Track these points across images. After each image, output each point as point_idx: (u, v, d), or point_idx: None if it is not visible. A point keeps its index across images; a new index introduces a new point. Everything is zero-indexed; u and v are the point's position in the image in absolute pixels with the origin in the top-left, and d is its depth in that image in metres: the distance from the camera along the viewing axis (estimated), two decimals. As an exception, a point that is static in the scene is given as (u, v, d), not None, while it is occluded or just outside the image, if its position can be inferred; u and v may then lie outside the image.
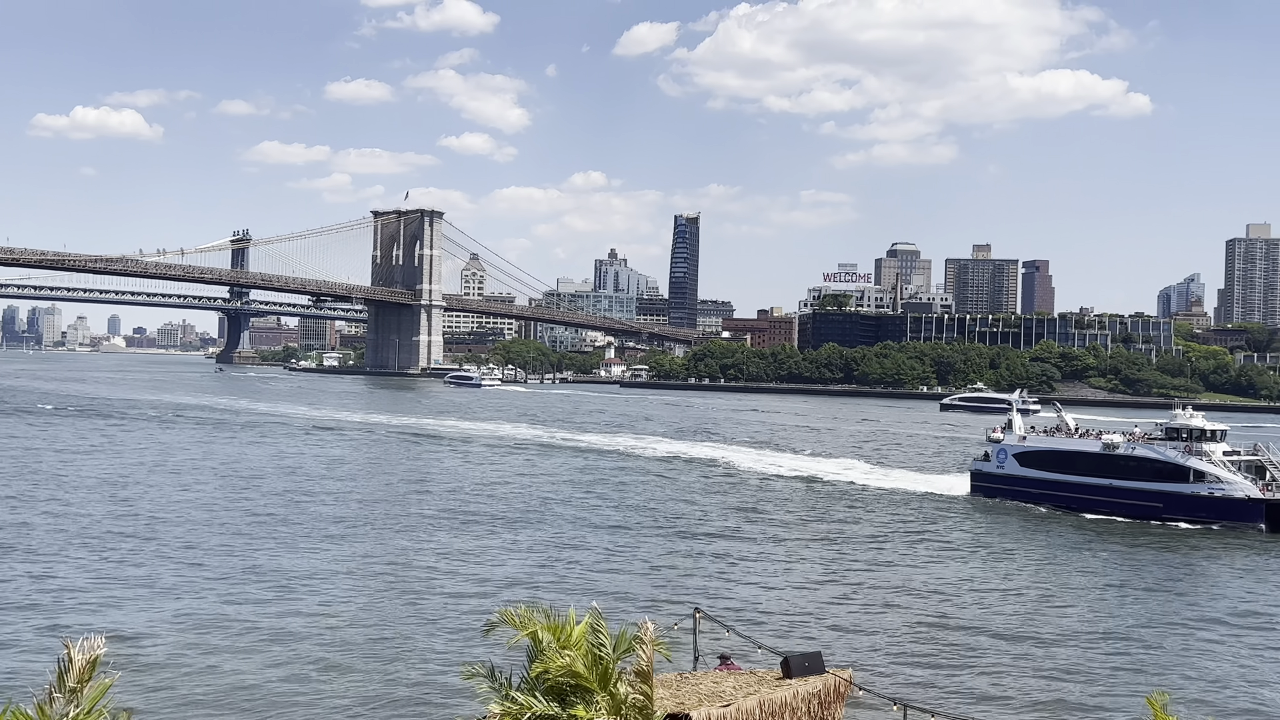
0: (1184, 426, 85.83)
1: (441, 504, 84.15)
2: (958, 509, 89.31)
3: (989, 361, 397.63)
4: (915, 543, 71.92)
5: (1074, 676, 42.35)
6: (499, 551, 65.25)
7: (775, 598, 54.60)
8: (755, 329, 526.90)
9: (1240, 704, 40.20)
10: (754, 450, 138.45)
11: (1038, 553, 70.79)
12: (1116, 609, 54.76)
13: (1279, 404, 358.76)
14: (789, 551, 67.63)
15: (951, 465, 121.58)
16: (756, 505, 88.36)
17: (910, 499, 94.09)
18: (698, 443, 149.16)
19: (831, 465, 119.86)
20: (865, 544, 70.98)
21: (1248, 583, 63.12)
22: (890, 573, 61.82)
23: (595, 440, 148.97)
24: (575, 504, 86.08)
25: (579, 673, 20.21)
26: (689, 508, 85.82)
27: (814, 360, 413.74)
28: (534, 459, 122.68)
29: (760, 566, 62.70)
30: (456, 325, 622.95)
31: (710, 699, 22.91)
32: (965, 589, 57.99)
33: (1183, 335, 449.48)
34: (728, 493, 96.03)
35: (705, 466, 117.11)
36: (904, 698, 31.38)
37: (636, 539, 70.44)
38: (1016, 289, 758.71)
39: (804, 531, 75.44)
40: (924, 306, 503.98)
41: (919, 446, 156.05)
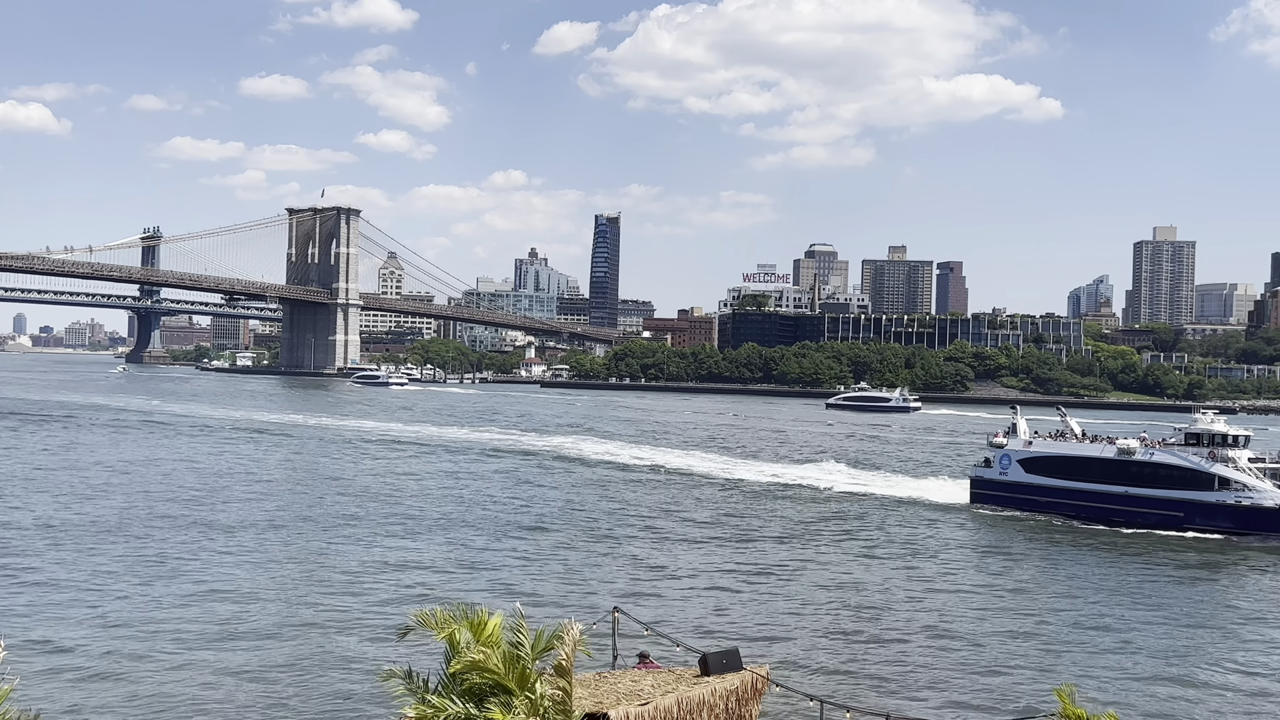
0: (1205, 432, 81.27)
1: (355, 506, 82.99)
2: (936, 516, 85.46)
3: (905, 361, 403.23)
4: (837, 542, 72.53)
5: (992, 673, 42.99)
6: (416, 554, 64.58)
7: (695, 597, 54.77)
8: (676, 329, 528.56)
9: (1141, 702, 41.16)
10: (675, 450, 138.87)
11: (969, 551, 71.63)
12: (1049, 608, 55.71)
13: (1184, 402, 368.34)
14: (708, 551, 67.86)
15: (820, 454, 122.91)
16: (677, 506, 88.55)
17: (886, 504, 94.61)
18: (618, 443, 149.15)
19: (757, 466, 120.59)
20: (786, 544, 71.48)
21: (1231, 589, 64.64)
22: (812, 572, 62.31)
23: (513, 440, 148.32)
24: (492, 505, 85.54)
25: (495, 673, 20.09)
26: (609, 508, 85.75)
27: (733, 360, 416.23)
28: (449, 460, 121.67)
29: (680, 566, 62.84)
30: (374, 325, 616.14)
31: (629, 697, 22.91)
32: (886, 587, 58.63)
33: (1092, 335, 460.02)
34: (648, 493, 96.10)
35: (625, 467, 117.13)
36: (820, 694, 31.66)
37: (556, 540, 70.20)
38: (931, 290, 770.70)
39: (724, 531, 75.72)
40: (841, 307, 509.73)
41: (812, 443, 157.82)
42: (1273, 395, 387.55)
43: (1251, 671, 44.66)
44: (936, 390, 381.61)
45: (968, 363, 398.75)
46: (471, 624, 21.32)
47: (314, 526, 73.05)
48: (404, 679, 21.42)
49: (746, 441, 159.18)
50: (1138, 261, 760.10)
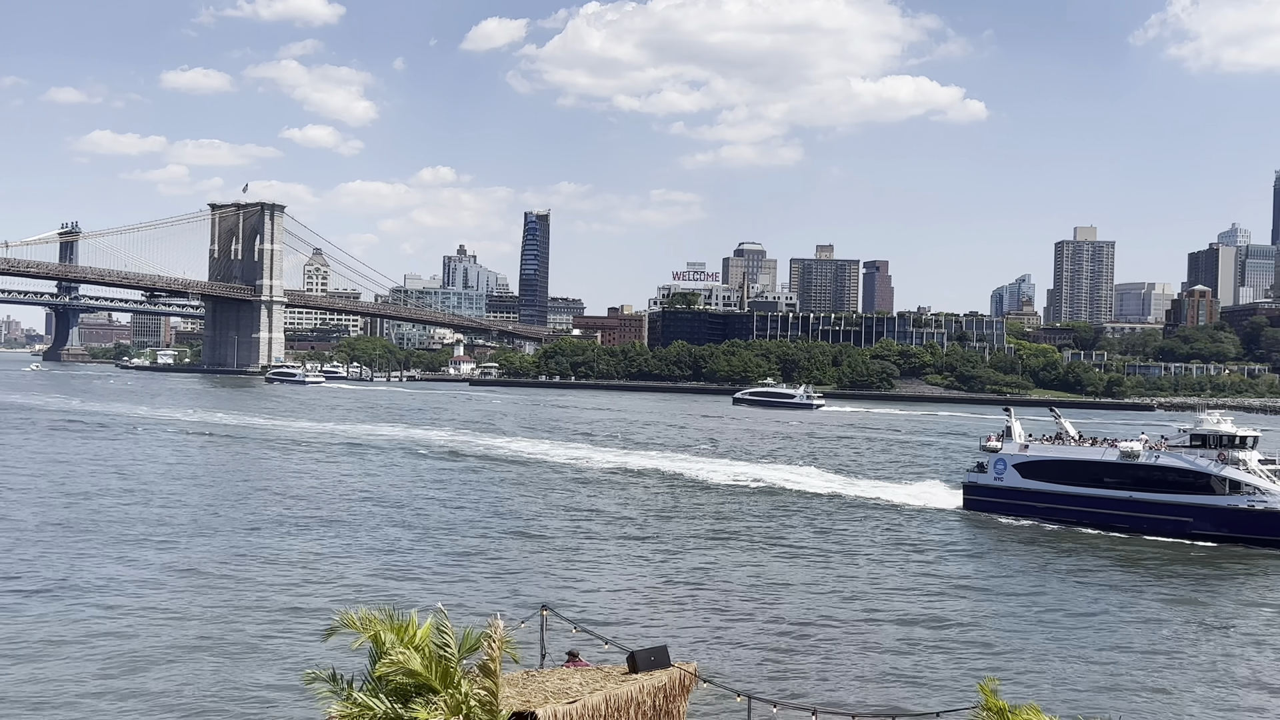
0: (1212, 433, 77.53)
1: (275, 507, 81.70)
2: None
3: (832, 359, 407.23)
4: (770, 541, 72.93)
5: (923, 669, 43.47)
6: (339, 555, 63.80)
7: (625, 595, 54.77)
8: (606, 327, 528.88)
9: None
10: (605, 449, 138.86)
11: (907, 550, 72.23)
12: (989, 605, 56.51)
13: (1104, 399, 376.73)
14: (638, 550, 67.89)
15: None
16: (605, 504, 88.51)
17: (838, 504, 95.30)
18: (547, 442, 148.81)
19: (700, 464, 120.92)
20: (717, 543, 71.73)
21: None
22: (743, 571, 62.57)
23: (441, 439, 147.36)
24: (418, 506, 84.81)
25: (419, 672, 19.92)
26: (538, 507, 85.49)
27: (663, 358, 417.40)
28: (373, 460, 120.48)
29: (610, 565, 62.83)
30: (300, 322, 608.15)
31: (556, 696, 22.85)
32: (818, 586, 59.03)
33: (1014, 334, 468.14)
34: (578, 492, 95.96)
35: (554, 466, 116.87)
36: (748, 690, 31.82)
37: (483, 540, 69.78)
38: (858, 288, 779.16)
39: (653, 530, 75.79)
40: (770, 305, 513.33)
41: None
42: (1189, 392, 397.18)
43: (1245, 684, 45.54)
44: (863, 388, 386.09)
45: (894, 361, 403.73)
46: (396, 625, 21.13)
47: (232, 528, 71.81)
48: (328, 681, 21.19)
49: (656, 435, 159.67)
50: (1059, 261, 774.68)
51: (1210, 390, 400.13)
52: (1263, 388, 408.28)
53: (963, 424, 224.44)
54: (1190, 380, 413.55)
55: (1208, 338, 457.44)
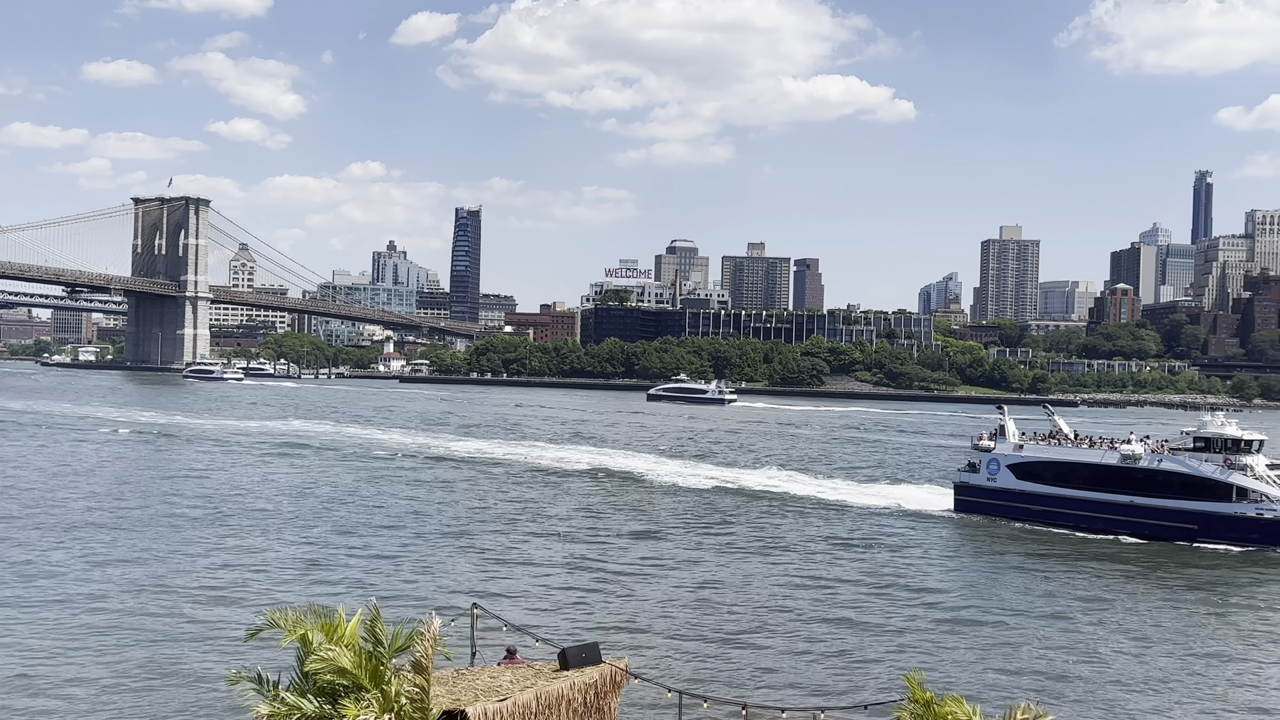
0: (1216, 436, 74.77)
1: (199, 507, 79.97)
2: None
3: (763, 356, 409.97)
4: (703, 538, 73.13)
5: (854, 664, 43.83)
6: (264, 555, 62.88)
7: (557, 593, 54.63)
8: (538, 323, 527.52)
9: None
10: (537, 446, 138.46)
11: (853, 549, 72.81)
12: (951, 605, 57.06)
13: (1029, 395, 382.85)
14: (570, 547, 67.73)
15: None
16: (538, 501, 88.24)
17: (772, 502, 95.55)
18: (476, 439, 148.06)
19: (634, 461, 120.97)
20: (650, 539, 71.82)
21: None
22: (676, 567, 62.66)
23: (370, 437, 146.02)
24: (347, 504, 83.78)
25: (348, 670, 19.68)
26: (469, 505, 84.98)
27: (596, 355, 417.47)
28: (299, 458, 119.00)
29: (542, 562, 62.59)
30: (225, 319, 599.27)
31: (487, 694, 22.69)
32: (752, 582, 59.27)
33: (942, 331, 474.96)
34: (509, 489, 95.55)
35: (484, 463, 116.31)
36: (680, 686, 31.91)
37: (414, 538, 69.20)
38: (789, 286, 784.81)
39: (586, 527, 75.70)
40: (702, 302, 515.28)
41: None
42: (1112, 389, 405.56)
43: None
44: (794, 384, 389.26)
45: (824, 357, 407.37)
46: (325, 624, 20.86)
47: (152, 528, 70.44)
48: (254, 681, 20.85)
49: (587, 432, 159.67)
50: (985, 260, 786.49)
51: (1132, 387, 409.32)
52: (1183, 384, 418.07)
53: (878, 419, 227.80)
54: (1113, 377, 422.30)
55: (1129, 335, 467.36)
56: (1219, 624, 52.80)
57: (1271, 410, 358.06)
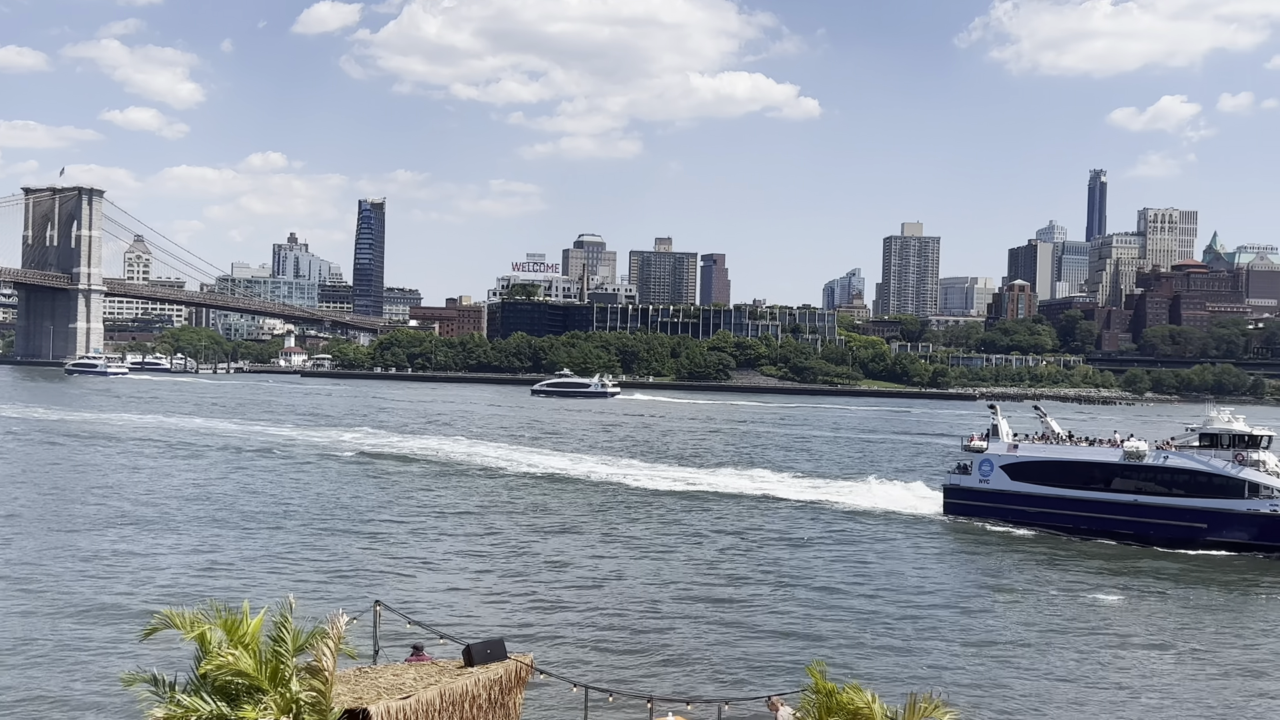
0: (1224, 431, 71.68)
1: (90, 506, 77.68)
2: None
3: (670, 351, 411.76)
4: (611, 532, 73.20)
5: (760, 657, 44.19)
6: (162, 554, 61.43)
7: (463, 590, 54.27)
8: (444, 318, 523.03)
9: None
10: (442, 440, 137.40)
11: (767, 543, 73.28)
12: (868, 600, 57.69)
13: (929, 390, 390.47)
14: (476, 544, 67.35)
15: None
16: (444, 499, 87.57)
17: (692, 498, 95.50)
18: (380, 434, 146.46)
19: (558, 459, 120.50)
20: (556, 535, 71.68)
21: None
22: (580, 562, 62.63)
23: (272, 433, 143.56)
24: (245, 502, 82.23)
25: (246, 671, 19.34)
26: (372, 502, 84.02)
27: (503, 349, 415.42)
28: (193, 455, 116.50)
29: (447, 560, 62.13)
30: (120, 312, 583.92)
31: (390, 692, 22.49)
32: (658, 577, 59.42)
33: (845, 326, 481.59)
34: (413, 486, 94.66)
35: (390, 460, 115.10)
36: (586, 680, 31.93)
37: (314, 536, 68.13)
38: (696, 281, 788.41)
39: (490, 523, 75.31)
40: (610, 297, 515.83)
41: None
42: (1009, 383, 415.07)
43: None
44: (701, 378, 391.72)
45: (730, 352, 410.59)
46: (225, 623, 20.46)
47: (41, 527, 68.45)
48: (149, 682, 20.37)
49: (494, 427, 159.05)
50: (887, 256, 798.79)
51: (1029, 381, 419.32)
52: (1077, 378, 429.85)
53: (759, 412, 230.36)
54: (1010, 371, 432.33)
55: (1026, 330, 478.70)
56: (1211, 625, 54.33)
57: (1162, 403, 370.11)
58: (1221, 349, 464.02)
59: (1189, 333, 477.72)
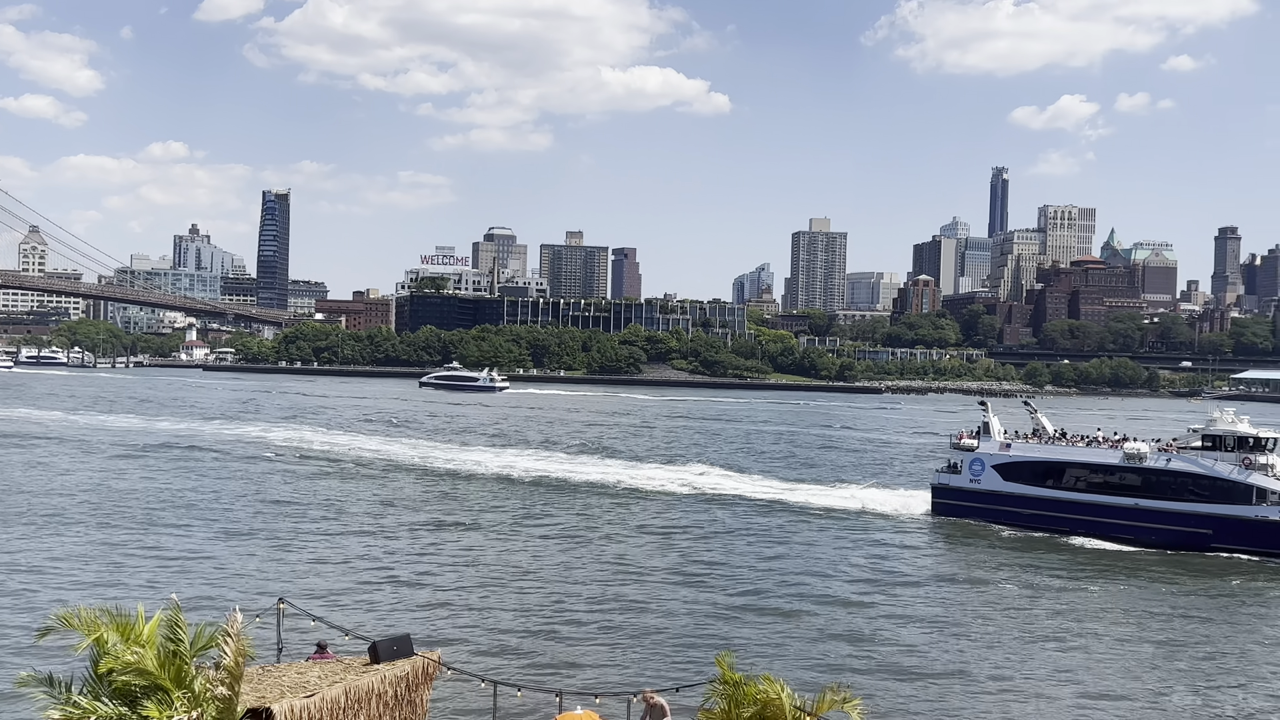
0: (1228, 433, 68.96)
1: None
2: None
3: (581, 344, 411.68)
4: (516, 527, 72.90)
5: (673, 650, 44.34)
6: (60, 554, 59.73)
7: (368, 586, 53.60)
8: (351, 311, 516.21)
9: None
10: (349, 435, 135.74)
11: (677, 536, 73.40)
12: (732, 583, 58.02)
13: (837, 383, 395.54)
14: (383, 540, 66.54)
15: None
16: (351, 494, 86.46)
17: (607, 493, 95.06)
18: (285, 429, 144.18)
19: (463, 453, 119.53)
20: (466, 530, 71.22)
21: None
22: (489, 557, 62.26)
23: (167, 428, 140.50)
24: (142, 499, 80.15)
25: (149, 671, 18.89)
26: (276, 498, 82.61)
27: (411, 343, 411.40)
28: (90, 451, 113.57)
29: (353, 556, 61.26)
30: (14, 304, 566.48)
31: (294, 690, 22.15)
32: (569, 571, 59.31)
33: (755, 320, 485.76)
34: (319, 481, 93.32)
35: (294, 455, 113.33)
36: (495, 675, 31.79)
37: (217, 533, 66.77)
38: (607, 275, 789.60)
39: (397, 519, 74.56)
40: (520, 290, 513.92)
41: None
42: (914, 376, 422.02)
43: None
44: (612, 372, 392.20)
45: (641, 346, 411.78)
46: (120, 623, 19.95)
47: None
48: (44, 684, 19.80)
49: (412, 422, 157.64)
50: (795, 251, 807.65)
51: (933, 374, 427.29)
52: (980, 371, 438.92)
53: (641, 405, 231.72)
54: (915, 365, 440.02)
55: (931, 324, 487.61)
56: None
57: (1061, 396, 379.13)
58: (1118, 343, 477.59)
59: (1087, 327, 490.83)
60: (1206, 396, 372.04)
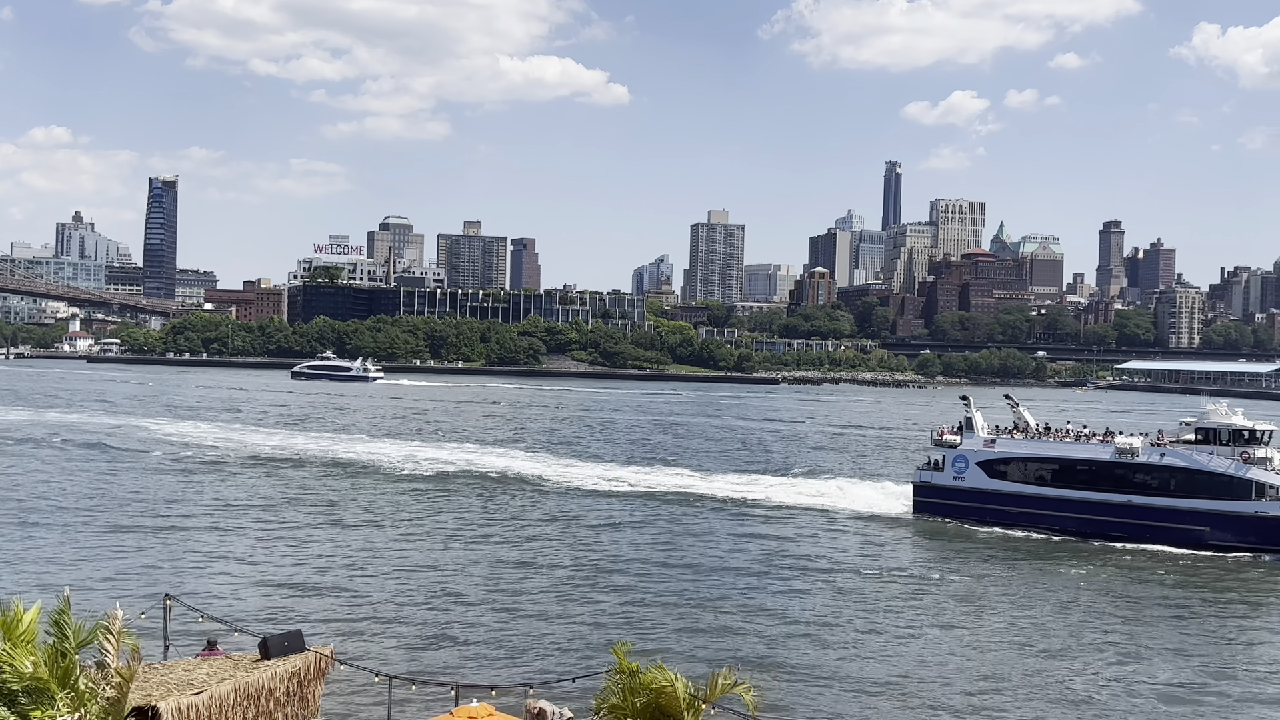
0: (1223, 426, 66.82)
1: None
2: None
3: (480, 335, 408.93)
4: (413, 522, 72.14)
5: (566, 640, 44.28)
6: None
7: (260, 582, 52.54)
8: (242, 301, 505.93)
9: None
10: (241, 430, 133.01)
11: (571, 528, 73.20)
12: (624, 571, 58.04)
13: (735, 374, 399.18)
14: (272, 535, 65.25)
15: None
16: (238, 489, 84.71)
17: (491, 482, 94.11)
18: (170, 421, 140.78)
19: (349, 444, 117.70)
20: (359, 525, 70.27)
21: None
22: (384, 552, 61.47)
23: (49, 421, 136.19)
24: (20, 494, 77.60)
25: (26, 672, 18.26)
26: (162, 493, 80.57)
27: (305, 334, 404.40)
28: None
29: (242, 551, 59.98)
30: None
31: (181, 688, 21.66)
32: (466, 565, 58.85)
33: (654, 311, 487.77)
34: (207, 476, 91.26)
35: (183, 449, 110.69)
36: (389, 670, 31.44)
37: (103, 529, 64.85)
38: (506, 265, 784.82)
39: (288, 514, 73.26)
40: (417, 281, 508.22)
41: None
42: (810, 367, 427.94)
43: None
44: (511, 364, 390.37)
45: (540, 337, 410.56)
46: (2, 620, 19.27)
47: None
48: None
49: (296, 414, 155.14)
50: (694, 242, 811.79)
51: (829, 365, 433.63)
52: (874, 362, 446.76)
53: (527, 396, 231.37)
54: (811, 355, 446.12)
55: (826, 316, 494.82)
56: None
57: (952, 386, 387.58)
58: (1007, 334, 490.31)
59: (977, 318, 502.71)
60: (1091, 386, 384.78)
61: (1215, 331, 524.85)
